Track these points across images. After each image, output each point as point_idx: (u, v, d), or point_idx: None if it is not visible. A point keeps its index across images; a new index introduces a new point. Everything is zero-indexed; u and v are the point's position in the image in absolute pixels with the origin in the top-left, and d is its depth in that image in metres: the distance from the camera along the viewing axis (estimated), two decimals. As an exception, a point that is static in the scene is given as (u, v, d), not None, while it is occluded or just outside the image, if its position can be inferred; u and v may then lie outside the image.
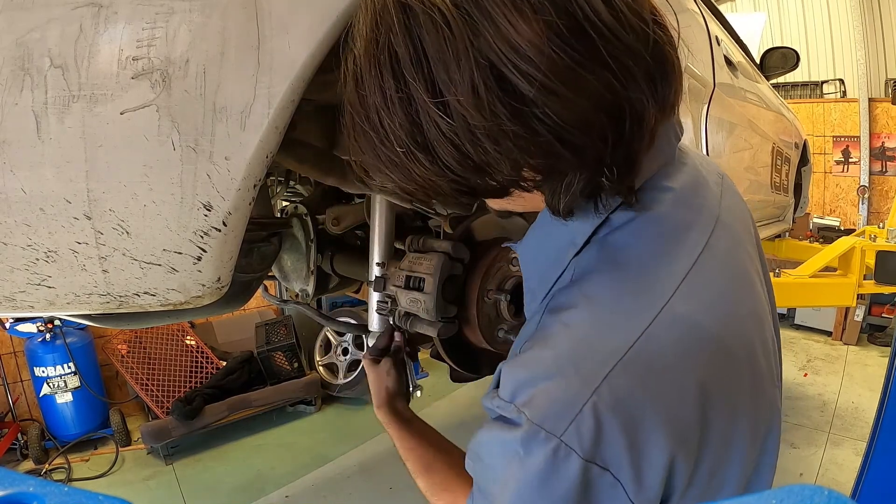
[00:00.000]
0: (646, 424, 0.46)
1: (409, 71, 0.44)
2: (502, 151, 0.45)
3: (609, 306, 0.51)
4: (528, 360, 0.51)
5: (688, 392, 0.49)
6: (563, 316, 0.52)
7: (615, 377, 0.46)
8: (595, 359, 0.48)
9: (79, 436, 3.46)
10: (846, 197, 6.60)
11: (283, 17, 0.56)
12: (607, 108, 0.44)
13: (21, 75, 0.52)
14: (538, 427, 0.46)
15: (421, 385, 0.98)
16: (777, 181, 2.88)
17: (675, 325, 0.50)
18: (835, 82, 6.60)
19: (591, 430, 0.45)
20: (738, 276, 0.58)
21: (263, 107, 0.56)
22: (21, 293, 0.58)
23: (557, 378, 0.48)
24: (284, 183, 1.61)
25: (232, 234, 0.60)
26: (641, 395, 0.47)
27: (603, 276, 0.52)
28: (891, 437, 1.94)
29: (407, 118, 0.45)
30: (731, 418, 0.53)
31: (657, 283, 0.51)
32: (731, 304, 0.56)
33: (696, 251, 0.54)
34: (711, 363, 0.51)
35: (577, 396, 0.46)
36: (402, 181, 0.50)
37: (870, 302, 5.13)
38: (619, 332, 0.49)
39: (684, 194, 0.58)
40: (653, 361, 0.48)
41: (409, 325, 0.96)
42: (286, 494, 3.04)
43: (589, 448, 0.45)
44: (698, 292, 0.52)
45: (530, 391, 0.48)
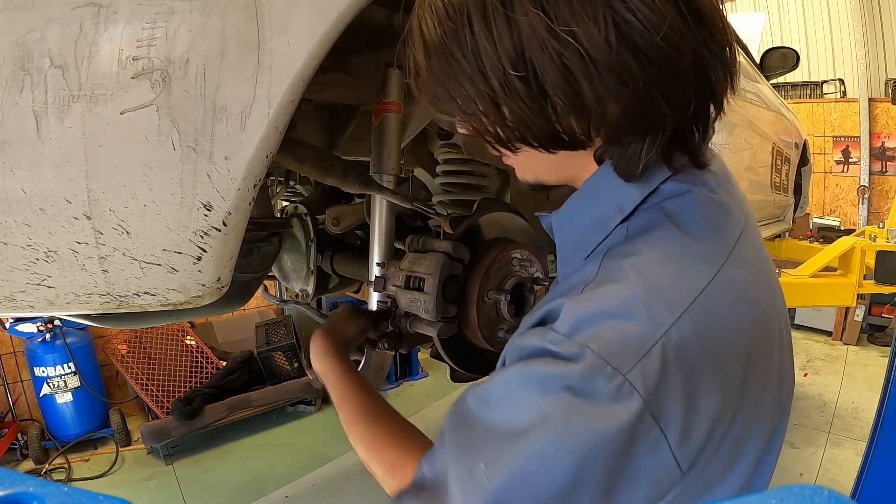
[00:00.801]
0: (703, 376, 0.47)
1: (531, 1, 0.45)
2: (612, 91, 0.47)
3: (676, 257, 0.51)
4: (596, 296, 0.49)
5: (738, 352, 0.50)
6: (631, 260, 0.51)
7: (683, 324, 0.47)
8: (666, 302, 0.48)
9: (79, 436, 3.46)
10: (846, 197, 6.60)
11: (283, 17, 0.56)
12: (700, 67, 0.48)
13: (21, 75, 0.52)
14: (604, 362, 0.45)
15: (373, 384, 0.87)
16: (777, 181, 2.88)
17: (731, 285, 0.51)
18: (835, 82, 6.60)
19: (656, 372, 0.45)
20: (766, 261, 0.61)
21: (263, 107, 0.56)
22: (21, 293, 0.58)
23: (629, 315, 0.47)
24: (284, 183, 1.61)
25: (232, 234, 0.60)
26: (702, 347, 0.47)
27: (666, 231, 0.53)
28: (891, 437, 1.94)
29: (514, 47, 0.46)
30: (763, 390, 0.54)
31: (714, 245, 0.53)
32: (767, 282, 0.58)
33: (738, 229, 0.57)
34: (756, 330, 0.53)
35: (648, 336, 0.46)
36: (486, 116, 0.51)
37: (870, 302, 5.13)
38: (685, 282, 0.50)
39: (721, 179, 0.61)
40: (714, 316, 0.49)
41: (409, 325, 0.96)
42: (286, 494, 3.04)
43: (651, 390, 0.44)
44: (745, 261, 0.55)
45: (597, 326, 0.47)
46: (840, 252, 2.92)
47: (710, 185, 0.58)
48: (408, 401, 4.20)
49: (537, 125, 0.50)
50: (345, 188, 0.98)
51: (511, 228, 1.08)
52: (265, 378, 3.92)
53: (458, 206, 1.23)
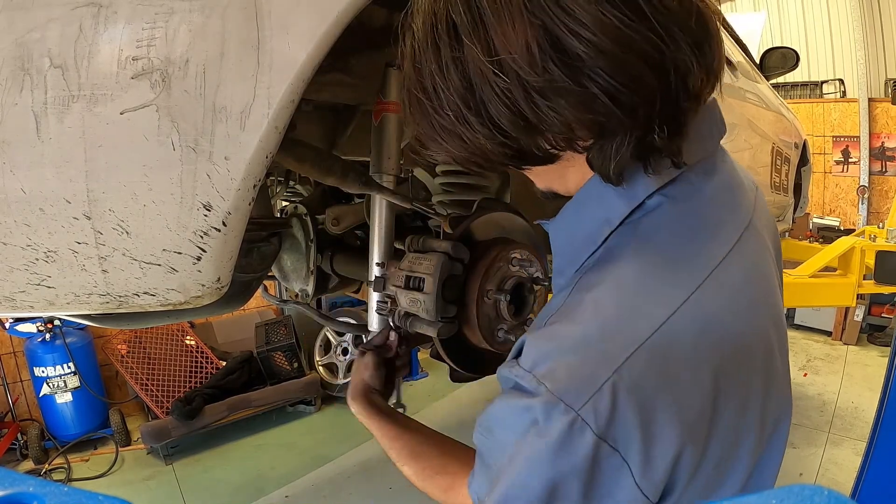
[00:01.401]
0: (659, 410, 0.47)
1: (466, 35, 0.47)
2: (554, 108, 0.47)
3: (637, 290, 0.51)
4: (554, 332, 0.52)
5: (702, 383, 0.50)
6: (592, 293, 0.52)
7: (636, 360, 0.47)
8: (619, 340, 0.48)
9: (79, 436, 3.46)
10: (846, 197, 6.60)
11: (283, 17, 0.56)
12: (655, 66, 0.46)
13: (21, 75, 0.52)
14: (557, 398, 0.47)
15: (405, 405, 0.97)
16: (777, 181, 2.88)
17: (697, 317, 0.50)
18: (834, 82, 6.60)
19: (606, 409, 0.46)
20: (761, 279, 0.59)
21: (263, 107, 0.56)
22: (21, 293, 0.58)
23: (581, 353, 0.49)
24: (284, 183, 1.61)
25: (232, 234, 0.60)
26: (658, 381, 0.48)
27: (633, 258, 0.53)
28: (891, 437, 1.94)
29: (461, 81, 0.48)
30: (741, 414, 0.54)
31: (685, 273, 0.52)
32: (752, 304, 0.56)
33: (725, 248, 0.55)
34: (728, 358, 0.52)
35: (598, 374, 0.47)
36: (455, 148, 0.53)
37: (869, 302, 5.12)
38: (644, 317, 0.50)
39: (721, 191, 0.59)
40: (672, 350, 0.49)
41: (409, 325, 0.96)
42: (286, 494, 3.04)
43: (603, 426, 0.46)
44: (723, 288, 0.53)
45: (552, 363, 0.49)
46: (840, 252, 2.92)
47: (700, 199, 0.56)
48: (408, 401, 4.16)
49: (495, 150, 0.52)
50: (345, 188, 0.98)
51: (511, 228, 1.08)
52: (265, 378, 3.92)
53: (457, 206, 1.23)
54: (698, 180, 0.57)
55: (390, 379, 0.98)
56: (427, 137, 0.55)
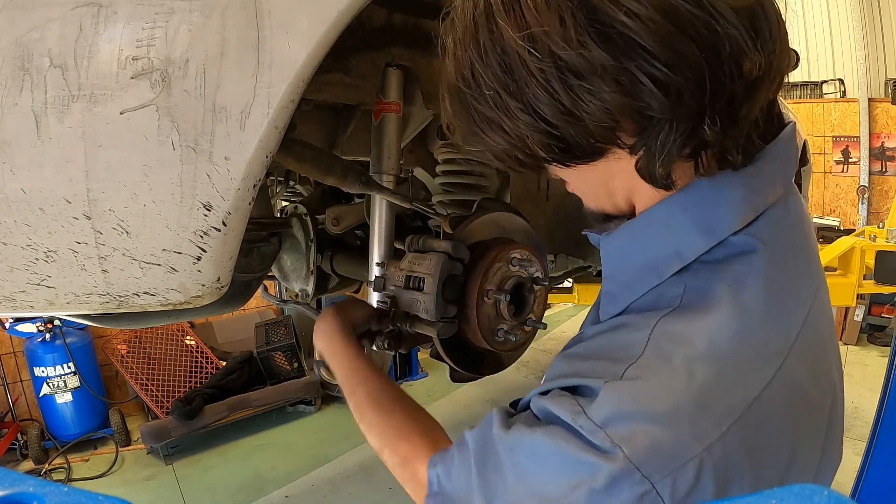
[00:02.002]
0: (739, 482, 0.45)
1: (500, 16, 0.45)
2: (592, 90, 0.43)
3: (732, 358, 0.47)
4: (638, 392, 0.46)
5: (782, 456, 0.47)
6: (684, 350, 0.46)
7: (728, 437, 0.44)
8: (713, 414, 0.44)
9: (79, 436, 3.46)
10: (846, 197, 6.60)
11: (283, 17, 0.56)
12: (703, 43, 0.42)
13: (21, 75, 0.52)
14: (634, 467, 0.43)
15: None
16: (777, 181, 2.87)
17: (786, 388, 0.47)
18: (834, 82, 6.60)
19: (688, 484, 0.43)
20: (831, 332, 0.55)
21: (263, 107, 0.56)
22: (21, 293, 0.58)
23: (671, 425, 0.44)
24: (284, 183, 1.61)
25: (232, 234, 0.60)
26: (745, 456, 0.45)
27: (728, 310, 0.48)
28: (891, 437, 1.94)
29: (499, 65, 0.46)
30: (802, 476, 0.51)
31: (776, 337, 0.48)
32: (825, 364, 0.53)
33: (807, 305, 0.51)
34: (805, 427, 0.50)
35: (686, 450, 0.43)
36: (497, 141, 0.50)
37: (869, 302, 5.12)
38: (739, 389, 0.46)
39: (798, 234, 0.54)
40: (762, 425, 0.46)
41: (409, 325, 0.96)
42: (286, 494, 3.04)
43: (679, 500, 0.43)
44: (807, 354, 0.49)
45: (634, 426, 0.44)
46: (840, 252, 2.92)
47: (783, 244, 0.51)
48: (408, 401, 4.19)
49: (537, 141, 0.48)
50: (344, 188, 0.98)
51: (511, 228, 1.08)
52: (265, 378, 3.92)
53: (457, 206, 1.23)
54: (782, 218, 0.52)
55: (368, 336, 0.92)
56: (468, 132, 0.52)
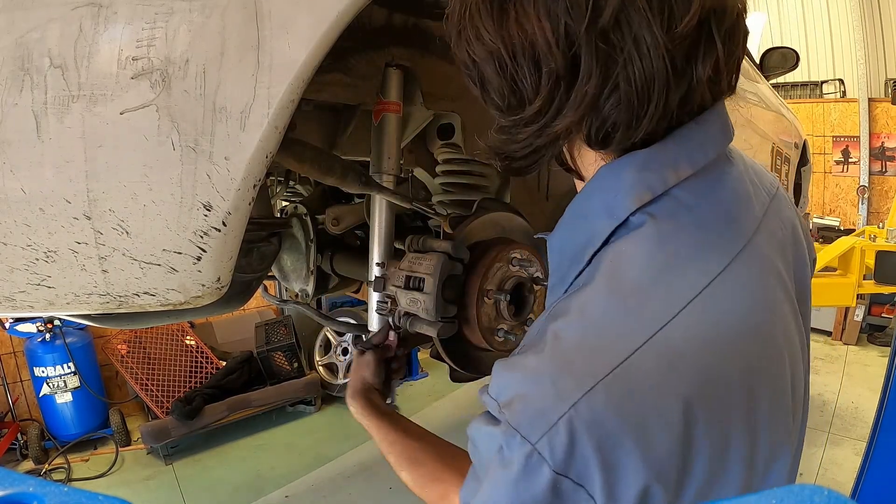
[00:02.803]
0: (621, 447, 0.45)
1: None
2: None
3: (599, 323, 0.49)
4: (516, 363, 0.52)
5: (670, 422, 0.47)
6: (557, 324, 0.51)
7: (594, 396, 0.45)
8: (576, 375, 0.47)
9: (79, 436, 3.46)
10: (846, 197, 6.60)
11: (283, 17, 0.56)
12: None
13: (21, 75, 0.52)
14: (514, 430, 0.47)
15: (398, 406, 1.00)
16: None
17: (666, 352, 0.47)
18: (834, 82, 6.60)
19: (563, 445, 0.45)
20: (757, 312, 0.54)
21: (263, 107, 0.56)
22: (21, 293, 0.58)
23: (536, 387, 0.48)
24: (284, 183, 1.61)
25: (232, 234, 0.60)
26: (619, 418, 0.46)
27: (600, 289, 0.51)
28: (891, 437, 1.94)
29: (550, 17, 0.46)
30: (723, 451, 0.50)
31: (655, 305, 0.49)
32: (739, 336, 0.52)
33: (708, 277, 0.51)
34: (704, 398, 0.48)
35: (552, 409, 0.46)
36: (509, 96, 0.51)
37: (869, 302, 5.12)
38: (604, 352, 0.47)
39: (712, 211, 0.54)
40: (635, 386, 0.46)
41: (409, 325, 0.96)
42: (286, 494, 3.04)
43: (561, 462, 0.45)
44: (702, 321, 0.49)
45: (511, 395, 0.49)
46: (840, 252, 2.93)
47: (683, 220, 0.52)
48: (408, 401, 4.20)
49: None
50: (344, 188, 0.98)
51: (511, 228, 1.08)
52: (265, 378, 3.92)
53: (457, 206, 1.23)
54: (689, 198, 0.53)
55: (387, 380, 0.98)
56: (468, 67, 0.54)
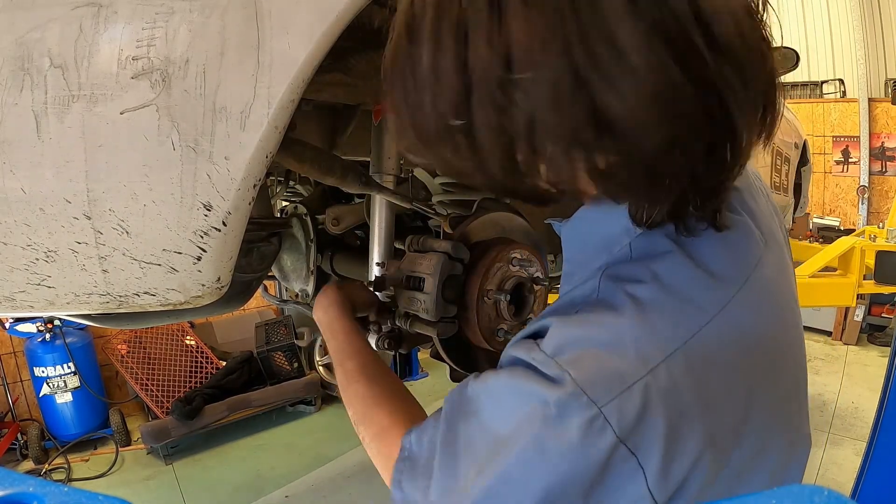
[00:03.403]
0: (689, 417, 0.44)
1: (481, 33, 0.38)
2: (566, 154, 0.41)
3: (678, 291, 0.48)
4: (586, 319, 0.48)
5: (736, 393, 0.48)
6: (630, 288, 0.48)
7: (673, 363, 0.44)
8: (657, 340, 0.45)
9: (79, 436, 3.46)
10: (846, 197, 6.60)
11: (283, 17, 0.56)
12: (695, 136, 0.40)
13: (21, 75, 0.52)
14: (580, 391, 0.43)
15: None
16: (777, 181, 2.88)
17: (735, 325, 0.48)
18: (834, 82, 6.60)
19: (635, 410, 0.43)
20: (784, 299, 0.56)
21: (263, 107, 0.56)
22: (21, 293, 0.58)
23: (614, 347, 0.45)
24: (284, 183, 1.61)
25: (232, 234, 0.60)
26: (694, 387, 0.45)
27: (674, 259, 0.49)
28: (891, 437, 1.94)
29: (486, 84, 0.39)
30: (771, 428, 0.52)
31: (721, 281, 0.49)
32: (779, 317, 0.54)
33: (754, 259, 0.53)
34: (763, 371, 0.50)
35: (631, 371, 0.43)
36: (440, 167, 0.47)
37: (869, 302, 5.13)
38: (684, 319, 0.47)
39: (745, 197, 0.56)
40: (711, 356, 0.46)
41: (408, 325, 0.96)
42: (286, 494, 3.04)
43: (627, 428, 0.43)
44: (756, 299, 0.51)
45: (580, 351, 0.45)
46: (840, 252, 2.92)
47: (731, 205, 0.54)
48: (408, 401, 4.20)
49: (477, 180, 0.46)
50: (344, 188, 0.98)
51: (511, 228, 1.08)
52: (265, 378, 3.92)
53: (457, 206, 1.23)
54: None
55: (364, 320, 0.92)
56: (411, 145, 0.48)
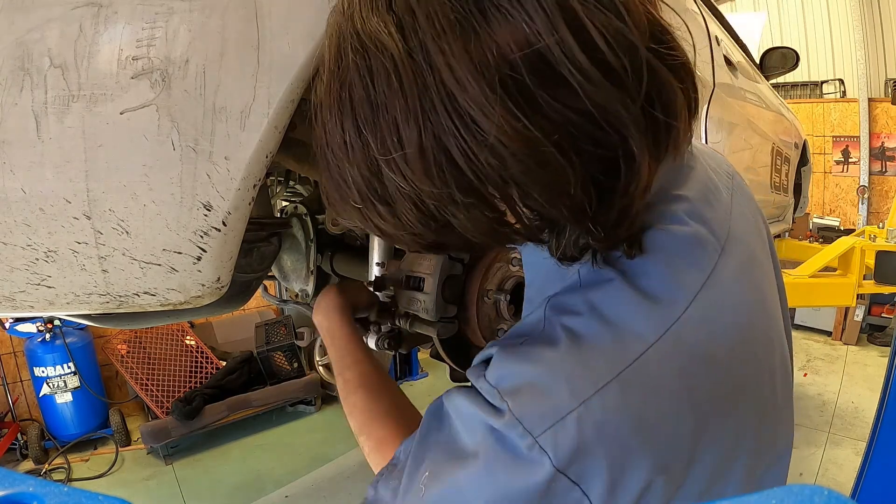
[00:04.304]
0: (630, 447, 0.45)
1: (365, 118, 0.41)
2: (467, 218, 0.42)
3: (615, 322, 0.48)
4: (523, 353, 0.49)
5: (682, 419, 0.47)
6: (567, 320, 0.49)
7: (607, 394, 0.44)
8: (590, 372, 0.46)
9: (79, 436, 3.46)
10: (846, 197, 6.61)
11: (283, 17, 0.56)
12: (582, 175, 0.40)
13: (21, 75, 0.52)
14: (517, 421, 0.45)
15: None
16: (777, 181, 2.88)
17: (677, 351, 0.47)
18: (834, 82, 6.60)
19: (570, 442, 0.44)
20: (749, 297, 0.54)
21: (263, 107, 0.56)
22: (21, 293, 0.58)
23: (549, 381, 0.46)
24: (284, 183, 1.61)
25: (232, 234, 0.60)
26: (631, 417, 0.45)
27: (614, 288, 0.49)
28: (891, 437, 1.94)
29: (367, 166, 0.42)
30: (730, 448, 0.50)
31: (664, 305, 0.48)
32: (741, 330, 0.52)
33: (705, 273, 0.51)
34: (713, 392, 0.48)
35: (563, 404, 0.45)
36: (367, 227, 0.48)
37: (869, 302, 5.13)
38: (619, 351, 0.47)
39: (697, 205, 0.54)
40: (649, 384, 0.46)
41: (409, 325, 0.96)
42: (286, 494, 3.04)
43: (564, 459, 0.44)
44: (706, 317, 0.49)
45: (518, 384, 0.47)
46: (840, 252, 2.92)
47: (675, 220, 0.52)
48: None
49: (406, 240, 0.48)
50: (345, 188, 0.98)
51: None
52: (265, 378, 3.92)
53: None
54: (672, 197, 0.53)
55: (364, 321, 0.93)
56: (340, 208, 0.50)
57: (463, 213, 0.42)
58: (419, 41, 0.38)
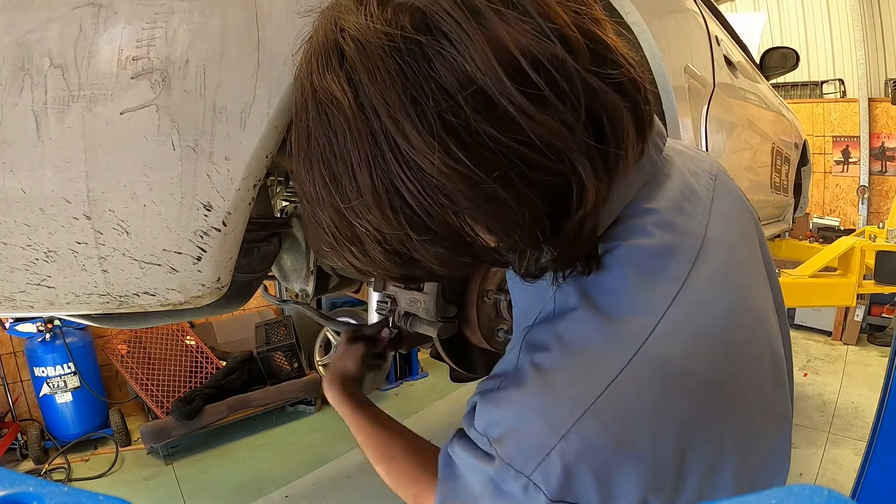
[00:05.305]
0: (616, 470, 0.46)
1: (328, 167, 0.43)
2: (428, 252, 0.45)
3: (580, 351, 0.49)
4: (500, 398, 0.52)
5: (664, 437, 0.47)
6: (536, 357, 0.51)
7: (584, 424, 0.46)
8: (563, 406, 0.47)
9: (79, 436, 3.46)
10: (846, 197, 6.61)
11: (283, 17, 0.56)
12: (532, 203, 0.42)
13: (21, 75, 0.52)
14: (508, 465, 0.48)
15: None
16: (777, 181, 2.88)
17: (650, 370, 0.47)
18: (834, 82, 6.60)
19: (558, 475, 0.46)
20: (731, 299, 0.54)
21: (263, 107, 0.56)
22: (21, 293, 0.58)
23: (525, 421, 0.48)
24: (284, 183, 1.60)
25: (232, 234, 0.60)
26: (611, 442, 0.46)
27: (576, 316, 0.50)
28: (891, 437, 1.94)
29: (335, 211, 0.45)
30: (717, 457, 0.51)
31: (632, 324, 0.48)
32: (721, 334, 0.51)
33: (678, 283, 0.50)
34: (692, 406, 0.49)
35: (544, 442, 0.47)
36: (343, 265, 0.51)
37: (869, 302, 5.12)
38: (589, 379, 0.47)
39: (667, 215, 0.53)
40: (624, 408, 0.47)
41: (409, 325, 0.96)
42: (286, 494, 3.04)
43: (556, 490, 0.46)
44: (679, 330, 0.49)
45: (501, 430, 0.50)
46: (840, 252, 2.92)
47: (644, 234, 0.51)
48: (408, 401, 4.20)
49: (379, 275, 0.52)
50: (345, 188, 0.98)
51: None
52: (265, 378, 3.92)
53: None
54: (640, 211, 0.53)
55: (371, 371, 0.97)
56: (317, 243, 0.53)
57: (424, 249, 0.44)
58: (366, 95, 0.40)
